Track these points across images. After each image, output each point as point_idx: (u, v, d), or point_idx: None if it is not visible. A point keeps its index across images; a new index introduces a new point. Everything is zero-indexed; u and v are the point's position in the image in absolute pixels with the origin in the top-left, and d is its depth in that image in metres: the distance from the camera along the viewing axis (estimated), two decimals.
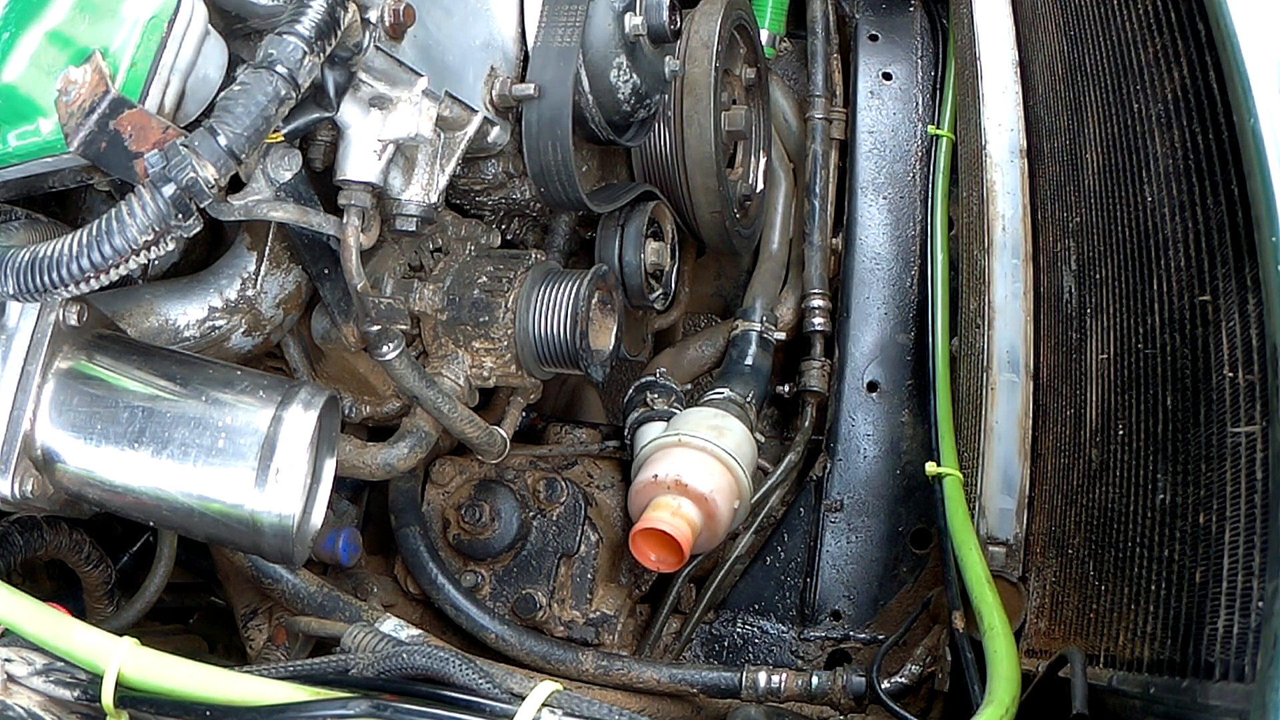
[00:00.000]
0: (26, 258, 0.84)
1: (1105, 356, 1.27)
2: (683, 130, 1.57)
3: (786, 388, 1.74)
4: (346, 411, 1.32)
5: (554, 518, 1.47)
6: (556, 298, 1.29)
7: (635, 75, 1.33)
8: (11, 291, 0.84)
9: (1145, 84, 1.11)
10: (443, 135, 1.18)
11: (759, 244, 1.84)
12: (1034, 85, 1.54)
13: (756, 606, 1.62)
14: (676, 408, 1.58)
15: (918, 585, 1.56)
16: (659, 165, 1.61)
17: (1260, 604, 0.81)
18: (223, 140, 0.81)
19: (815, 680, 1.34)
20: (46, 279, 0.83)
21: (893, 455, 1.65)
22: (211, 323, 1.14)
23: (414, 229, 1.17)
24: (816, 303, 1.73)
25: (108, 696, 0.82)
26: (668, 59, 1.38)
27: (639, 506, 1.42)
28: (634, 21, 1.28)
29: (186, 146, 0.81)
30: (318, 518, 1.02)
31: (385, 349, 1.17)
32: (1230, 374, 0.96)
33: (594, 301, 1.33)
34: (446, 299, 1.30)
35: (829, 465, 1.65)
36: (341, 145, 1.08)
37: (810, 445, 1.69)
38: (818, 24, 1.86)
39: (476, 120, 1.19)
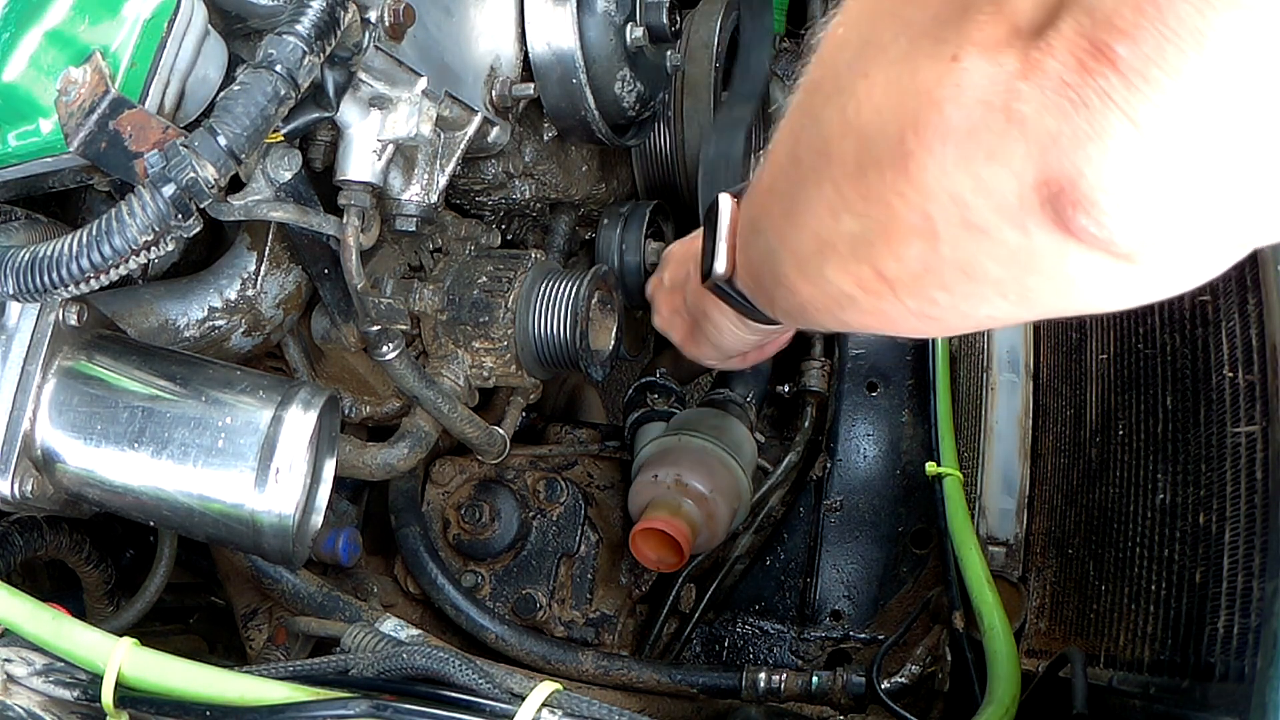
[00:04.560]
0: (26, 258, 0.84)
1: (1105, 356, 1.28)
2: (683, 130, 1.57)
3: (786, 388, 1.74)
4: (346, 411, 1.32)
5: (554, 518, 1.47)
6: (556, 298, 1.29)
7: (639, 83, 1.33)
8: (11, 291, 0.84)
9: None
10: (443, 135, 1.18)
11: None
12: None
13: (756, 606, 1.62)
14: (676, 408, 1.58)
15: (918, 585, 1.56)
16: (659, 165, 1.61)
17: (1260, 604, 0.81)
18: (223, 140, 0.81)
19: (815, 680, 1.34)
20: (46, 279, 0.83)
21: (893, 455, 1.65)
22: (211, 323, 1.14)
23: (414, 229, 1.17)
24: None
25: (108, 696, 0.82)
26: (669, 53, 1.37)
27: (639, 506, 1.42)
28: (636, 33, 1.27)
29: (186, 146, 0.81)
30: (318, 518, 1.02)
31: (385, 349, 1.17)
32: (1230, 374, 0.96)
33: (594, 301, 1.33)
34: (446, 299, 1.30)
35: (829, 465, 1.65)
36: (341, 145, 1.08)
37: (810, 445, 1.69)
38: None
39: (476, 120, 1.19)
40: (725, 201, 0.84)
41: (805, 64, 0.58)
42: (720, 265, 0.84)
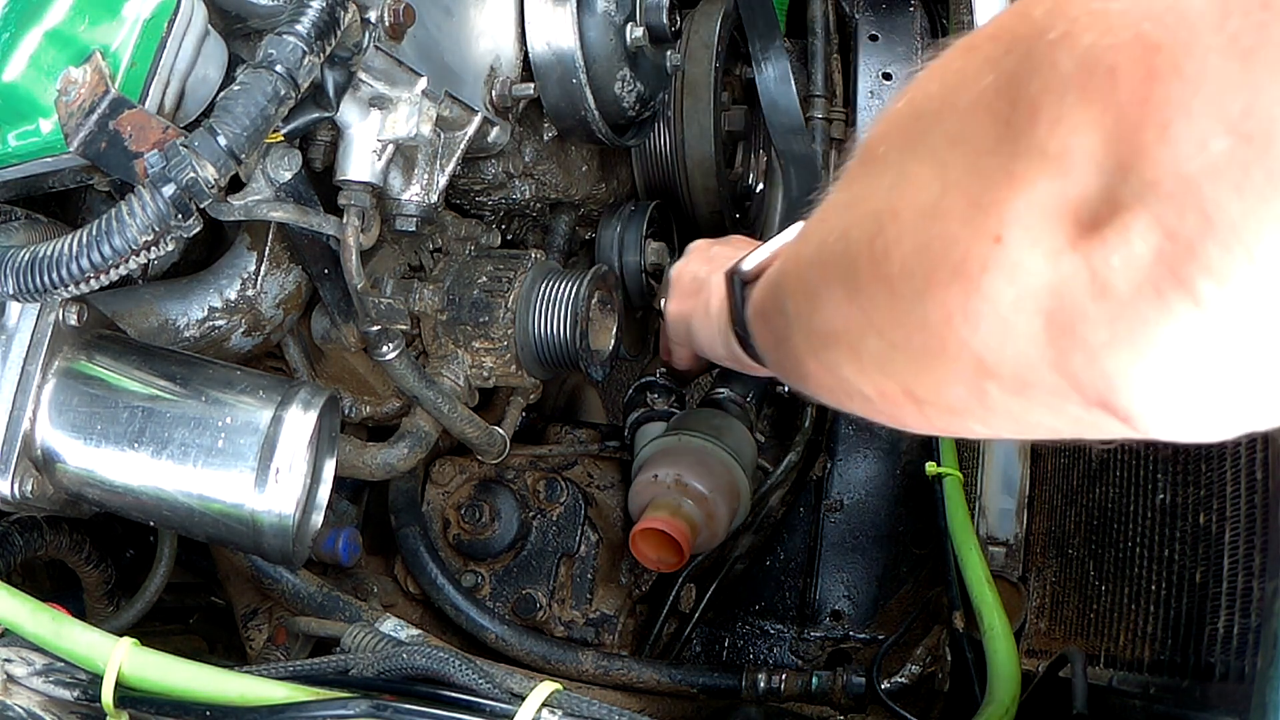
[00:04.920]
0: (26, 258, 0.84)
1: None
2: (683, 130, 1.57)
3: (786, 387, 1.74)
4: (346, 411, 1.32)
5: (554, 518, 1.47)
6: (556, 297, 1.29)
7: (639, 83, 1.33)
8: (11, 291, 0.84)
9: None
10: (443, 135, 1.18)
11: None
12: None
13: (756, 606, 1.62)
14: (676, 408, 1.58)
15: (918, 585, 1.56)
16: (659, 165, 1.61)
17: (1260, 604, 0.81)
18: (223, 140, 0.81)
19: (815, 680, 1.34)
20: (46, 279, 0.83)
21: (893, 455, 1.65)
22: (211, 323, 1.14)
23: (414, 229, 1.17)
24: None
25: (108, 696, 0.82)
26: (669, 53, 1.38)
27: (639, 506, 1.42)
28: (636, 34, 1.27)
29: (186, 146, 0.81)
30: (318, 518, 1.02)
31: (385, 349, 1.17)
32: None
33: (594, 301, 1.33)
34: (446, 299, 1.30)
35: (829, 465, 1.65)
36: (341, 145, 1.08)
37: (810, 445, 1.69)
38: (817, 24, 1.86)
39: (476, 120, 1.19)
40: (799, 225, 0.82)
41: (849, 158, 0.55)
42: (750, 265, 0.81)
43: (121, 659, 0.82)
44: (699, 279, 1.08)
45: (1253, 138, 0.33)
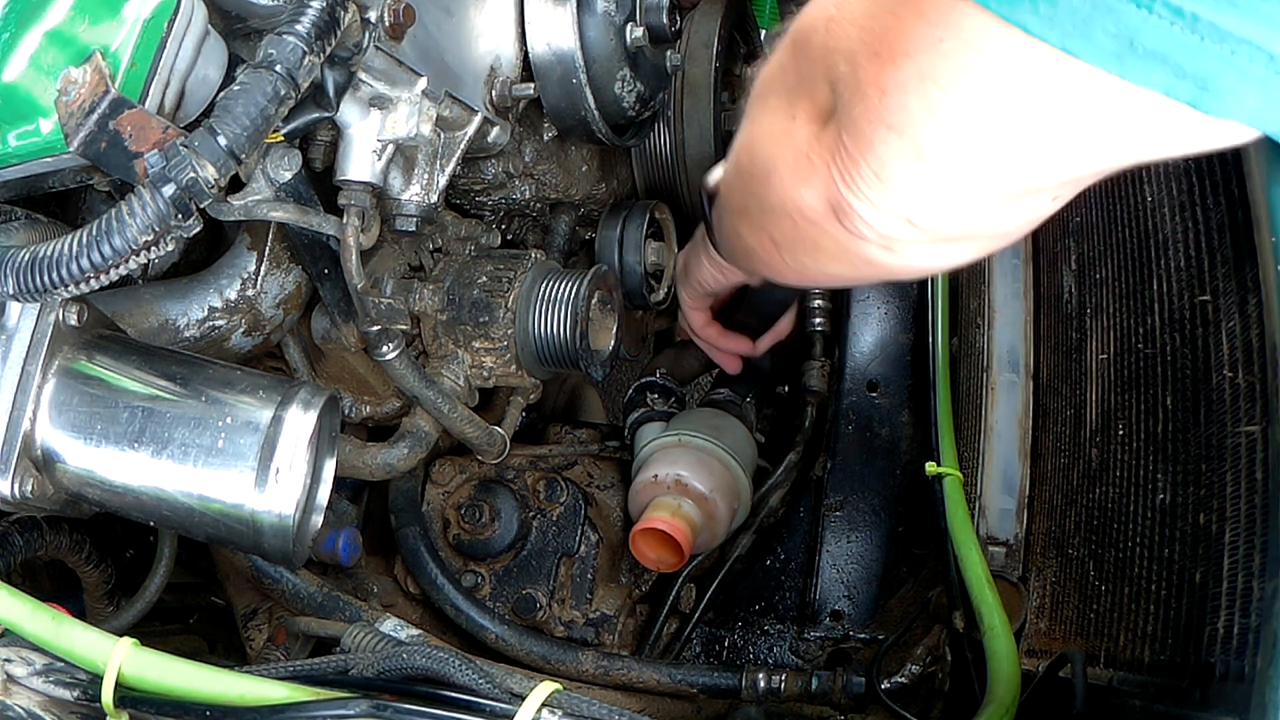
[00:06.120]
0: (26, 258, 0.84)
1: (1105, 356, 1.28)
2: (683, 130, 1.57)
3: (786, 388, 1.74)
4: (346, 411, 1.32)
5: (554, 518, 1.47)
6: (556, 297, 1.29)
7: (639, 83, 1.33)
8: (11, 291, 0.84)
9: None
10: (443, 135, 1.18)
11: None
12: None
13: (756, 606, 1.62)
14: (676, 408, 1.58)
15: (918, 585, 1.56)
16: (659, 165, 1.61)
17: (1260, 604, 0.81)
18: (223, 140, 0.81)
19: (815, 680, 1.34)
20: (46, 279, 0.83)
21: (893, 455, 1.65)
22: (211, 323, 1.14)
23: (414, 229, 1.17)
24: (816, 303, 1.73)
25: (108, 696, 0.82)
26: (669, 53, 1.37)
27: (639, 506, 1.42)
28: (636, 34, 1.27)
29: (186, 146, 0.81)
30: (318, 518, 1.02)
31: (385, 349, 1.17)
32: (1230, 374, 0.96)
33: (594, 301, 1.33)
34: (446, 299, 1.30)
35: (829, 465, 1.65)
36: (341, 145, 1.08)
37: (810, 445, 1.69)
38: None
39: (476, 120, 1.19)
40: None
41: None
42: (713, 179, 1.12)
43: (121, 659, 0.82)
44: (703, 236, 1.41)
45: (852, 64, 0.66)
